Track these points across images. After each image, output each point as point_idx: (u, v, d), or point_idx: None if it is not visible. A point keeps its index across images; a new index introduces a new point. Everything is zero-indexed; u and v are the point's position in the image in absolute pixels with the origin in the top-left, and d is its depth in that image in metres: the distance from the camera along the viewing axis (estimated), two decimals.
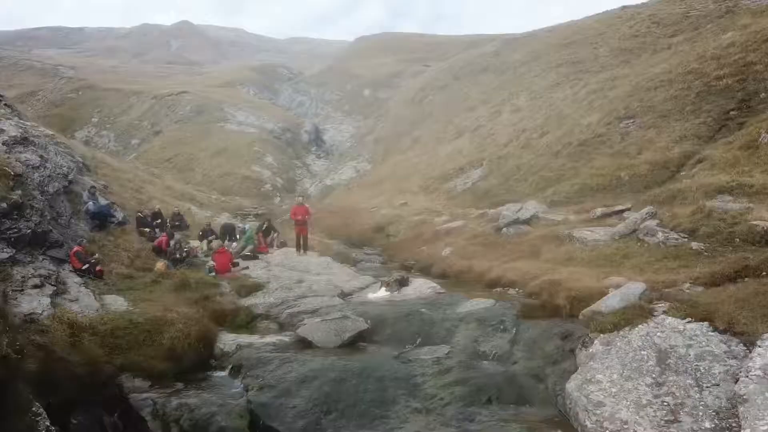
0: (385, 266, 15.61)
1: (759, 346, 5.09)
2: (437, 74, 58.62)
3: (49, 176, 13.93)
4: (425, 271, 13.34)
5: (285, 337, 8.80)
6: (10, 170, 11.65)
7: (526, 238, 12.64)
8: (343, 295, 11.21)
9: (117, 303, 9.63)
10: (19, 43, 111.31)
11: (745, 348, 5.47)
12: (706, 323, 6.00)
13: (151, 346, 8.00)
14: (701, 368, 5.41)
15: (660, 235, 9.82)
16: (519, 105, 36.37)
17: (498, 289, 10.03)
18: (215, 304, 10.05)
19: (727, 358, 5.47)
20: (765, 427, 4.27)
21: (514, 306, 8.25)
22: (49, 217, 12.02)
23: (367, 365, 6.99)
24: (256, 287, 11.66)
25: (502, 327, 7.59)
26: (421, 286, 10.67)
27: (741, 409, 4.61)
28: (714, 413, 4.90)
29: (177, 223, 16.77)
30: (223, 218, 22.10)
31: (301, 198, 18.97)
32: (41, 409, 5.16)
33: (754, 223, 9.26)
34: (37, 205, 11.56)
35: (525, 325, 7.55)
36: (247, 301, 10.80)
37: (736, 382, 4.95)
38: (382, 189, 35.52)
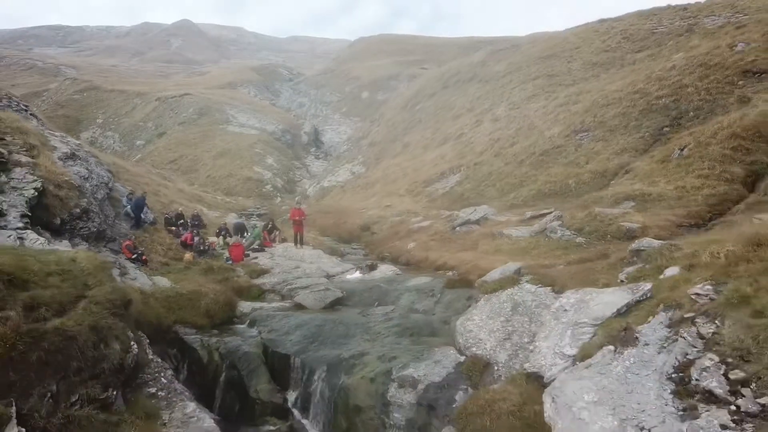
0: (366, 257, 19.17)
1: (561, 297, 8.69)
2: (429, 81, 60.65)
3: (96, 185, 17.29)
4: (395, 261, 16.92)
5: (285, 304, 12.46)
6: (74, 182, 15.17)
7: (471, 235, 16.21)
8: (329, 276, 14.85)
9: (163, 281, 13.19)
10: (19, 41, 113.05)
11: None
12: (549, 287, 9.57)
13: (193, 308, 11.58)
14: (536, 312, 8.98)
15: (559, 233, 13.42)
16: (498, 115, 39.12)
17: (441, 272, 13.63)
18: (234, 283, 13.65)
19: (552, 306, 9.05)
20: (543, 335, 7.90)
21: (444, 281, 11.86)
22: (102, 219, 15.54)
23: (339, 317, 10.64)
24: (263, 271, 15.24)
25: (432, 294, 11.22)
26: (385, 270, 14.36)
27: (539, 329, 8.23)
28: (532, 334, 8.48)
29: (196, 223, 20.29)
30: (231, 218, 25.54)
31: (299, 201, 22.51)
32: (143, 334, 8.77)
33: (623, 224, 12.84)
34: (95, 210, 15.05)
35: (447, 292, 11.17)
36: (257, 281, 14.40)
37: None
38: (373, 191, 38.35)
